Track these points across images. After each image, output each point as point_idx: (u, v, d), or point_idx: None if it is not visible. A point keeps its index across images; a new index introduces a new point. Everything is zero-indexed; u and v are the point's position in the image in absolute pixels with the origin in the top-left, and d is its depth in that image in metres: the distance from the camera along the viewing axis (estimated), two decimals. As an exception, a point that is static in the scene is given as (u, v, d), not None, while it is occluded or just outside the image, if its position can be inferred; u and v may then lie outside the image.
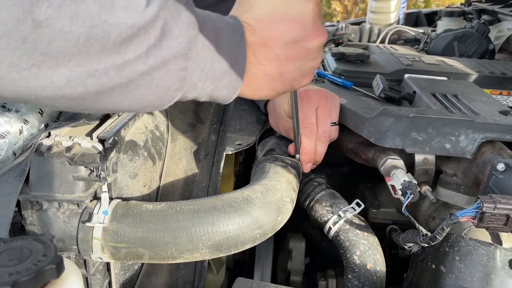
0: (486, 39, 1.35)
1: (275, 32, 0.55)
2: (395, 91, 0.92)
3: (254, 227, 0.60)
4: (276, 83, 0.58)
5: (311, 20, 0.56)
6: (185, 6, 0.48)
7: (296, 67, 0.58)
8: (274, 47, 0.55)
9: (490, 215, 0.55)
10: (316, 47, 0.58)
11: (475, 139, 0.68)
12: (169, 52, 0.47)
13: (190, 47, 0.48)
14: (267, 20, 0.55)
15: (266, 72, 0.56)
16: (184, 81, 0.50)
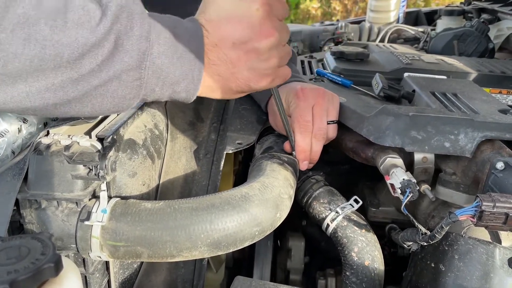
0: (485, 38, 1.35)
1: (223, 33, 0.57)
2: (394, 90, 0.92)
3: (252, 224, 0.60)
4: (230, 83, 0.60)
5: (257, 20, 0.58)
6: (139, 17, 0.50)
7: (248, 68, 0.59)
8: (224, 47, 0.57)
9: (489, 214, 0.55)
10: (266, 48, 0.59)
11: (475, 138, 0.68)
12: (121, 66, 0.49)
13: (144, 59, 0.51)
14: (216, 21, 0.57)
15: (219, 72, 0.58)
16: (140, 89, 0.53)
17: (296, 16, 6.62)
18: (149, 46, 0.51)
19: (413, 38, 1.77)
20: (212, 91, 0.61)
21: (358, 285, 0.70)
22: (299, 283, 0.98)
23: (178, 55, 0.54)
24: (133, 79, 0.51)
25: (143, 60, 0.51)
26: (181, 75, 0.55)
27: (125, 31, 0.49)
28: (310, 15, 6.59)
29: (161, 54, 0.52)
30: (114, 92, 0.51)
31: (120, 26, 0.48)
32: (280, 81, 0.66)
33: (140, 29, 0.50)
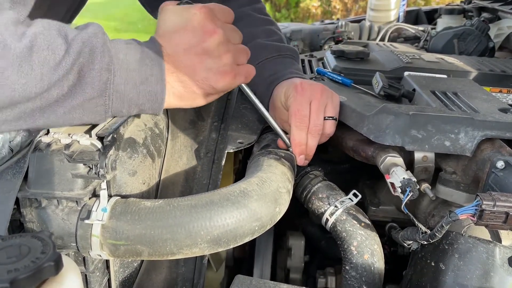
0: (486, 37, 1.35)
1: (173, 42, 0.62)
2: (394, 89, 0.92)
3: (252, 220, 0.60)
4: (193, 88, 0.64)
5: (197, 23, 0.63)
6: (100, 51, 0.56)
7: (204, 68, 0.63)
8: (177, 55, 0.62)
9: (489, 213, 0.55)
10: (214, 45, 0.64)
11: (475, 137, 0.68)
12: (84, 96, 0.55)
13: (106, 87, 0.56)
14: (166, 35, 0.63)
15: (179, 78, 0.63)
16: (105, 113, 0.58)
17: (296, 15, 6.62)
18: (111, 76, 0.56)
19: (413, 37, 1.76)
20: (180, 100, 0.65)
21: (357, 279, 0.70)
22: (299, 282, 0.98)
23: (141, 80, 0.59)
24: (96, 106, 0.57)
25: (105, 89, 0.56)
26: (145, 97, 0.60)
27: (87, 64, 0.54)
28: (310, 13, 6.58)
29: (123, 81, 0.58)
30: (80, 118, 0.57)
31: (83, 60, 0.54)
32: (243, 78, 0.69)
33: (101, 62, 0.55)
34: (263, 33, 0.98)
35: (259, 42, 0.95)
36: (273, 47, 0.95)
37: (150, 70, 0.59)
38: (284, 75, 0.89)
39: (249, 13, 1.00)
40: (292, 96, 0.81)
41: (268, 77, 0.91)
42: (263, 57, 0.93)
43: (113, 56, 0.57)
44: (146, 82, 0.59)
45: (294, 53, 0.98)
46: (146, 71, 0.59)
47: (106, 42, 0.57)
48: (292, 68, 0.93)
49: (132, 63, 0.58)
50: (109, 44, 0.57)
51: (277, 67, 0.92)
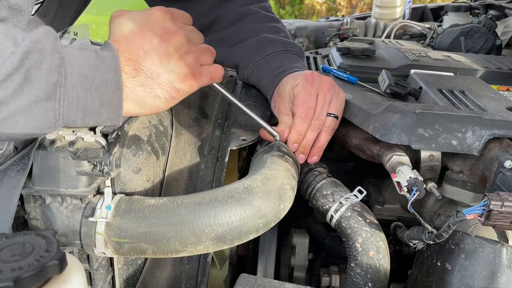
0: (493, 35, 1.34)
1: (132, 46, 0.60)
2: (401, 87, 0.91)
3: (256, 217, 0.60)
4: (155, 90, 0.61)
5: (157, 24, 0.61)
6: (50, 52, 0.52)
7: (166, 69, 0.61)
8: (136, 58, 0.59)
9: (497, 213, 0.54)
10: (176, 46, 0.62)
11: (482, 136, 0.68)
12: (30, 97, 0.51)
13: (55, 90, 0.53)
14: (123, 38, 0.60)
15: (140, 82, 0.60)
16: (56, 119, 0.54)
17: (301, 12, 6.59)
18: (61, 78, 0.53)
19: (419, 34, 1.75)
20: (141, 106, 0.61)
21: (363, 276, 0.69)
22: (303, 280, 0.97)
23: (95, 86, 0.56)
24: (45, 110, 0.53)
25: (54, 92, 0.53)
26: (101, 104, 0.57)
27: (35, 65, 0.51)
28: (314, 10, 6.56)
29: (76, 85, 0.54)
30: (27, 123, 0.53)
31: (31, 61, 0.51)
32: (208, 79, 0.67)
33: (50, 63, 0.52)
34: (269, 29, 0.97)
35: (265, 37, 0.95)
36: (280, 42, 0.95)
37: (106, 75, 0.56)
38: (290, 68, 0.89)
39: (256, 10, 1.00)
40: (301, 85, 0.80)
41: (273, 70, 0.91)
42: (270, 51, 0.93)
43: (65, 59, 0.54)
44: (101, 88, 0.56)
45: (300, 50, 0.98)
46: (101, 76, 0.56)
47: (57, 44, 0.54)
48: (298, 63, 0.93)
49: (86, 68, 0.55)
50: (61, 47, 0.54)
51: (283, 61, 0.92)
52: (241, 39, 0.97)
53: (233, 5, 0.99)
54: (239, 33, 0.97)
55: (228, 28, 0.99)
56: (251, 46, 0.95)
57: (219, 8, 0.99)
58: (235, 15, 0.99)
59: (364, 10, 6.16)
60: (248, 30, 0.97)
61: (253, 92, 0.99)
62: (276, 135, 0.79)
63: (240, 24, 0.98)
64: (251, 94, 0.98)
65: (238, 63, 0.98)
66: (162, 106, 0.63)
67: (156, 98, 0.61)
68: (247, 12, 0.99)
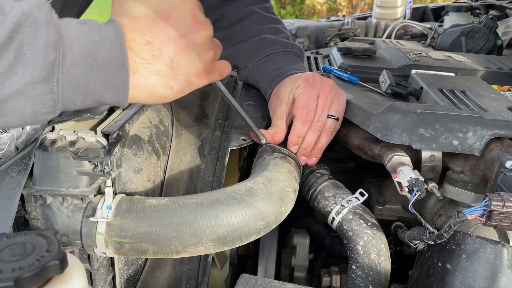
0: (494, 35, 1.34)
1: (155, 28, 0.54)
2: (402, 87, 0.91)
3: (257, 219, 0.60)
4: (170, 81, 0.57)
5: (188, 13, 0.57)
6: (45, 25, 0.46)
7: (187, 61, 0.57)
8: (158, 43, 0.54)
9: (498, 213, 0.54)
10: (202, 39, 0.58)
11: (483, 136, 0.67)
12: (25, 79, 0.45)
13: (52, 70, 0.46)
14: (145, 18, 0.54)
15: (156, 70, 0.55)
16: (55, 103, 0.48)
17: (301, 12, 6.59)
18: (59, 56, 0.46)
19: (420, 35, 1.75)
20: (150, 93, 0.56)
21: (363, 279, 0.69)
22: (303, 280, 0.97)
23: (97, 64, 0.50)
24: (43, 93, 0.47)
25: (52, 71, 0.46)
26: (104, 86, 0.51)
27: (28, 41, 0.45)
28: (315, 10, 6.56)
29: (76, 64, 0.48)
30: (23, 109, 0.47)
31: (23, 36, 0.44)
32: (218, 75, 0.64)
33: (46, 38, 0.45)
34: (270, 30, 0.97)
35: (265, 37, 0.95)
36: (279, 43, 0.95)
37: (109, 53, 0.50)
38: (289, 70, 0.89)
39: (257, 11, 0.99)
40: (302, 87, 0.80)
41: (272, 71, 0.90)
42: (269, 52, 0.93)
43: (62, 34, 0.47)
44: (105, 67, 0.50)
45: (300, 51, 0.98)
46: (104, 54, 0.50)
47: (52, 16, 0.47)
48: (297, 65, 0.93)
49: (87, 45, 0.49)
50: (57, 19, 0.48)
51: (282, 62, 0.91)
52: (241, 40, 0.97)
53: (234, 6, 0.99)
54: (239, 34, 0.97)
55: (229, 29, 0.99)
56: (250, 47, 0.95)
57: (221, 8, 0.99)
58: (236, 16, 0.99)
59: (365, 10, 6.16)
60: (248, 31, 0.97)
61: (253, 92, 0.99)
62: (262, 139, 0.79)
63: (241, 25, 0.98)
64: (251, 94, 0.98)
65: (238, 64, 0.98)
66: (170, 98, 0.59)
67: (169, 89, 0.57)
68: (248, 13, 0.99)
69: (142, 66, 0.54)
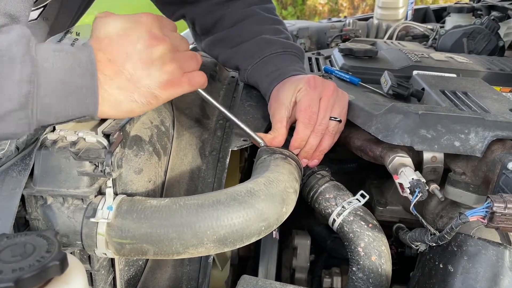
0: (496, 36, 1.33)
1: (115, 47, 0.59)
2: (403, 88, 0.91)
3: (259, 220, 0.60)
4: (133, 94, 0.60)
5: (144, 30, 0.60)
6: (20, 61, 0.51)
7: (146, 75, 0.60)
8: (118, 60, 0.58)
9: (500, 215, 0.54)
10: (159, 54, 0.61)
11: (485, 137, 0.67)
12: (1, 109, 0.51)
13: (27, 101, 0.52)
14: (107, 38, 0.59)
15: (118, 85, 0.59)
16: (30, 125, 0.54)
17: (303, 13, 6.60)
18: (33, 88, 0.51)
19: (421, 36, 1.75)
20: (116, 108, 0.60)
21: (364, 280, 0.69)
22: (304, 282, 0.97)
23: (70, 91, 0.55)
24: (18, 119, 0.52)
25: (26, 102, 0.52)
26: (75, 110, 0.56)
27: (5, 75, 0.50)
28: (317, 11, 6.56)
29: (49, 93, 0.53)
30: (2, 131, 0.53)
31: (1, 70, 0.49)
32: (188, 86, 0.66)
33: (20, 73, 0.50)
34: (270, 30, 0.97)
35: (264, 38, 0.95)
36: (279, 43, 0.94)
37: (81, 80, 0.55)
38: (289, 71, 0.88)
39: (257, 12, 0.99)
40: (304, 90, 0.80)
41: (271, 72, 0.90)
42: (268, 53, 0.93)
43: (38, 66, 0.52)
44: (76, 93, 0.55)
45: (300, 52, 0.97)
46: (77, 81, 0.55)
47: (29, 50, 0.52)
48: (297, 65, 0.92)
49: (60, 73, 0.54)
50: (34, 52, 0.53)
51: (282, 63, 0.91)
52: (241, 41, 0.97)
53: (236, 6, 0.99)
54: (240, 34, 0.97)
55: (230, 29, 0.99)
56: (250, 48, 0.95)
57: (222, 8, 0.99)
58: (237, 16, 0.98)
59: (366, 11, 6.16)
60: (248, 31, 0.97)
61: (255, 93, 0.99)
62: (260, 142, 0.78)
63: (241, 25, 0.98)
64: (252, 95, 0.98)
65: (238, 65, 0.97)
66: (137, 111, 0.62)
67: (133, 103, 0.61)
68: (249, 13, 0.99)
69: (105, 82, 0.58)
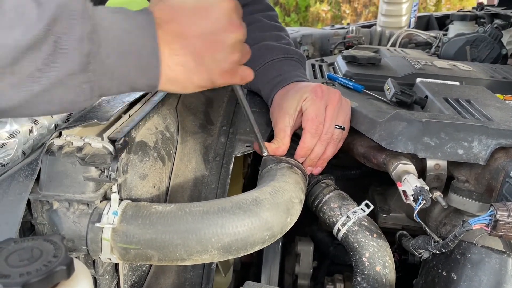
0: (499, 44, 1.34)
1: (189, 21, 0.55)
2: (407, 95, 0.91)
3: (263, 229, 0.60)
4: (193, 75, 0.58)
5: (225, 13, 0.57)
6: (80, 17, 0.47)
7: (213, 60, 0.58)
8: (189, 36, 0.55)
9: (504, 223, 0.54)
10: (232, 41, 0.59)
11: (489, 145, 0.67)
12: (63, 70, 0.47)
13: (88, 61, 0.48)
14: (181, 9, 0.55)
15: (182, 62, 0.56)
16: (91, 91, 0.50)
17: (306, 19, 6.62)
18: (94, 46, 0.48)
19: (424, 43, 1.75)
20: (172, 84, 0.58)
21: None
22: (307, 288, 0.97)
23: (130, 52, 0.52)
24: (80, 83, 0.49)
25: (88, 63, 0.48)
26: (138, 72, 0.53)
27: (64, 33, 0.46)
28: (320, 18, 6.58)
29: (110, 54, 0.50)
30: (62, 98, 0.49)
31: (59, 28, 0.45)
32: (240, 79, 0.64)
33: (81, 30, 0.47)
34: (272, 37, 0.98)
35: (266, 44, 0.95)
36: (280, 49, 0.95)
37: (141, 40, 0.52)
38: (290, 77, 0.89)
39: (260, 19, 1.00)
40: (310, 99, 0.80)
41: (273, 78, 0.91)
42: (269, 58, 0.93)
43: (97, 24, 0.48)
44: (138, 54, 0.52)
45: (301, 58, 0.98)
46: (137, 41, 0.52)
47: (87, 7, 0.48)
48: (298, 71, 0.93)
49: (119, 33, 0.51)
50: (91, 10, 0.49)
51: (283, 69, 0.92)
52: None
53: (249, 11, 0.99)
54: None
55: None
56: (252, 54, 0.95)
57: None
58: None
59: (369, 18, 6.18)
60: (250, 38, 0.97)
61: (258, 99, 0.99)
62: (264, 152, 0.79)
63: None
64: (256, 101, 0.99)
65: None
66: (190, 90, 0.60)
67: (190, 83, 0.59)
68: (251, 21, 0.99)
69: (169, 57, 0.55)
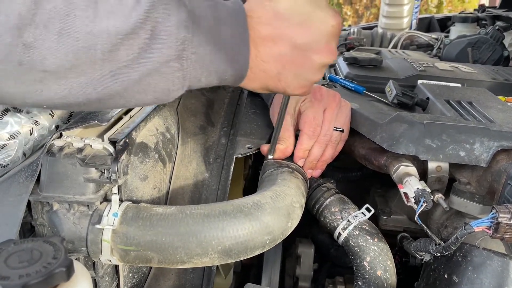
0: (500, 46, 1.34)
1: (289, 31, 0.54)
2: (408, 97, 0.91)
3: (264, 233, 0.60)
4: (269, 82, 0.57)
5: (327, 35, 0.56)
6: (176, 4, 0.47)
7: (295, 74, 0.57)
8: (282, 45, 0.54)
9: (506, 226, 0.54)
10: (321, 63, 0.58)
11: (490, 147, 0.67)
12: (160, 57, 0.47)
13: (183, 49, 0.48)
14: (286, 17, 0.54)
15: (264, 68, 0.55)
16: (183, 80, 0.50)
17: (307, 21, 6.61)
18: (189, 33, 0.48)
19: (426, 45, 1.75)
20: (248, 82, 0.57)
21: None
22: (307, 290, 0.97)
23: (221, 41, 0.51)
24: (174, 71, 0.49)
25: (183, 50, 0.48)
26: (227, 63, 0.52)
27: (161, 20, 0.46)
28: (321, 19, 6.57)
29: (202, 41, 0.49)
30: (156, 86, 0.49)
31: (157, 14, 0.45)
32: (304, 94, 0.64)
33: (177, 17, 0.47)
34: None
35: None
36: None
37: (232, 29, 0.52)
38: None
39: None
40: (308, 101, 0.80)
41: None
42: None
43: (190, 11, 0.48)
44: (228, 43, 0.52)
45: None
46: (227, 30, 0.51)
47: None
48: None
49: (212, 21, 0.50)
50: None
51: None
52: None
53: None
54: None
55: None
56: None
57: None
58: None
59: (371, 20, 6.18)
60: None
61: (259, 100, 0.99)
62: (270, 155, 0.79)
63: None
64: (256, 103, 0.99)
65: None
66: (258, 91, 0.60)
67: (264, 86, 0.58)
68: None
69: (255, 59, 0.54)
